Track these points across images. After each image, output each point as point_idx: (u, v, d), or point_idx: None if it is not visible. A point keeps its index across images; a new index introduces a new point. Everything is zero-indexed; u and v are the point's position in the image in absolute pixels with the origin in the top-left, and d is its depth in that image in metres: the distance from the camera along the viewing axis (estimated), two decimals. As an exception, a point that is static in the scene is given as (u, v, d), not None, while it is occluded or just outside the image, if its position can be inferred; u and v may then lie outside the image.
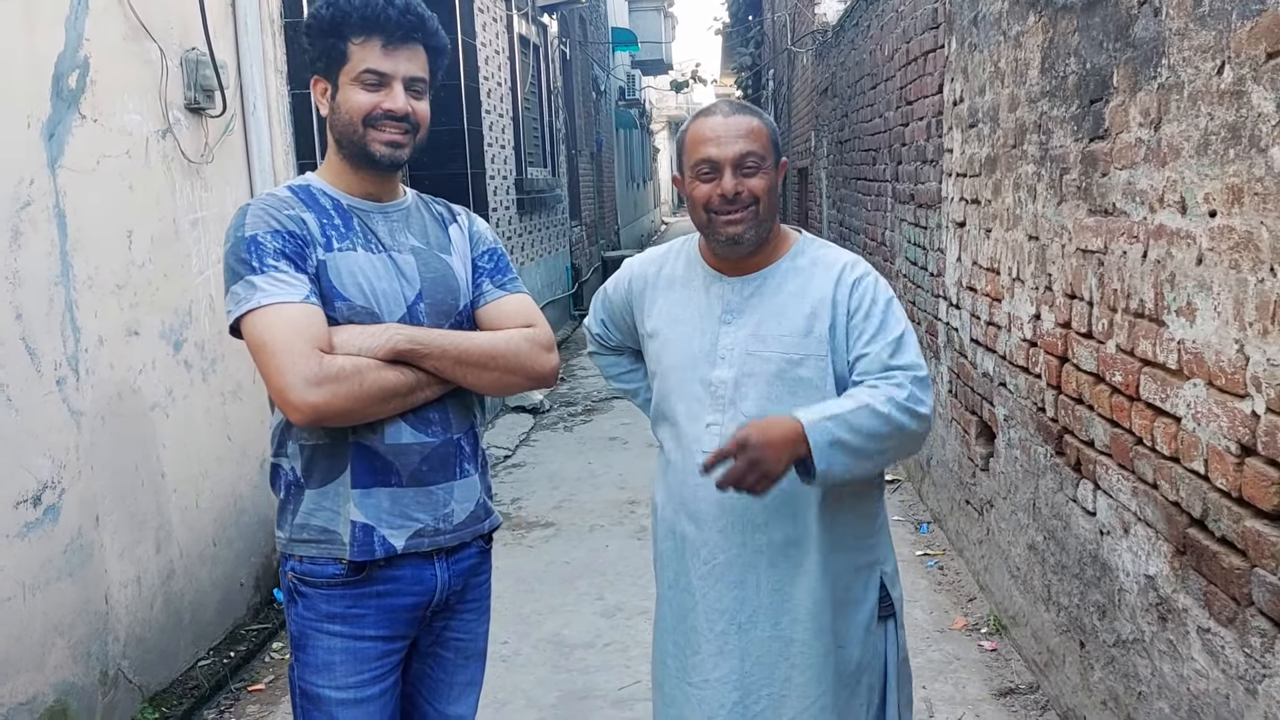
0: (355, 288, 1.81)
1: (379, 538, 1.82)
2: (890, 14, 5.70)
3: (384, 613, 1.85)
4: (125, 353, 3.35)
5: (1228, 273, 1.96)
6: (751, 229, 1.91)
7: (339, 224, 1.84)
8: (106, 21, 3.33)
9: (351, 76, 1.81)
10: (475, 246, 2.01)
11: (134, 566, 3.35)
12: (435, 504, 1.87)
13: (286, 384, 1.67)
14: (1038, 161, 3.11)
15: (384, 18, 1.79)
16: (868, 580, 2.00)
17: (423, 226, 1.95)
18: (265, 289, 1.71)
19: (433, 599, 1.90)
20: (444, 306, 1.90)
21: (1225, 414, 1.98)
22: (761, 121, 1.93)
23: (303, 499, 1.85)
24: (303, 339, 1.69)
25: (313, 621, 1.85)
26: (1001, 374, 3.59)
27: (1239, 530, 1.95)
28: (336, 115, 1.84)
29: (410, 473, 1.84)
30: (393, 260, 1.86)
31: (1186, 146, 2.12)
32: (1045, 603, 3.16)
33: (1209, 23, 2.02)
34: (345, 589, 1.83)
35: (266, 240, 1.75)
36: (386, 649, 1.87)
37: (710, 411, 1.95)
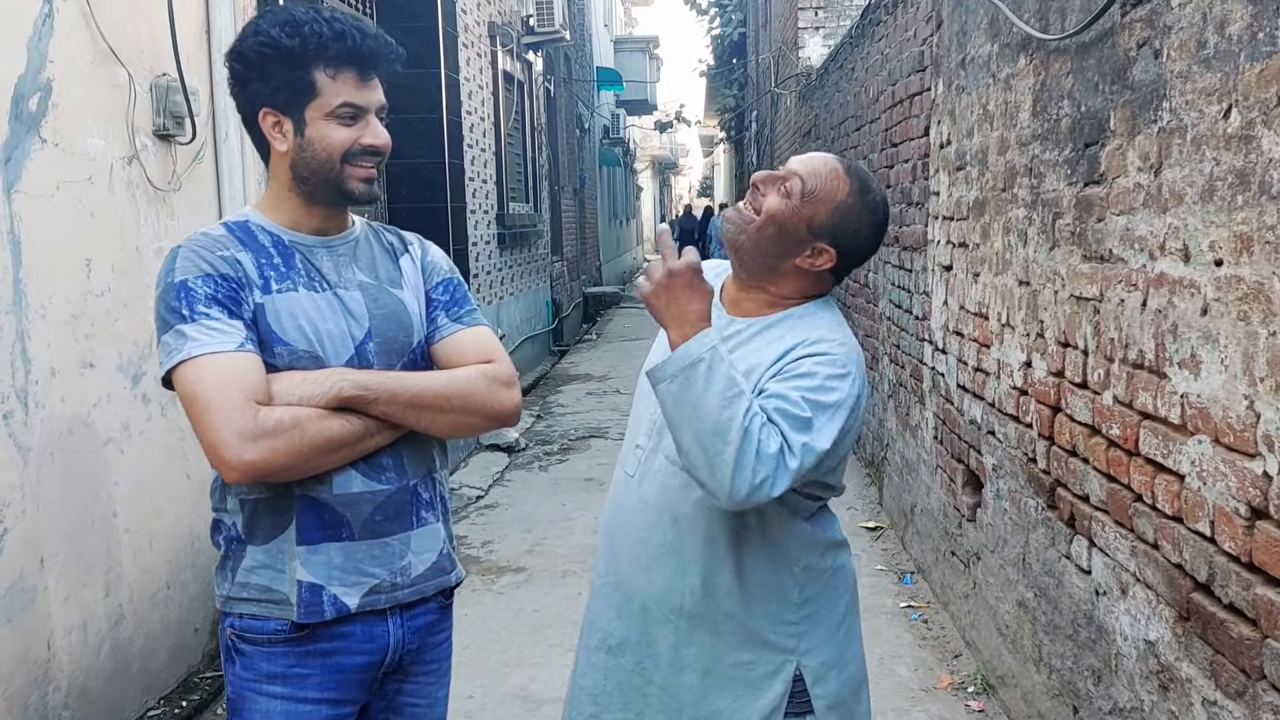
0: (296, 330, 1.68)
1: (329, 596, 1.70)
2: (875, 57, 5.67)
3: (330, 673, 1.72)
4: (79, 385, 3.20)
5: (1235, 324, 1.86)
6: (735, 232, 1.80)
7: (279, 262, 1.71)
8: (72, 44, 3.21)
9: (326, 111, 1.68)
10: (429, 278, 1.89)
11: (80, 611, 3.18)
12: (391, 556, 1.74)
13: (220, 440, 1.55)
14: (1029, 205, 3.04)
15: (361, 49, 1.69)
16: (776, 669, 1.80)
17: (371, 260, 1.82)
18: (196, 338, 1.59)
19: (385, 658, 1.77)
20: (395, 345, 1.77)
21: (1234, 474, 1.87)
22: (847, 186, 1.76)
23: (244, 555, 1.72)
24: (236, 391, 1.56)
25: (250, 682, 1.71)
26: (990, 422, 3.49)
27: (1249, 598, 1.84)
28: (307, 151, 1.70)
29: (363, 524, 1.71)
30: (338, 298, 1.73)
31: (1190, 192, 2.03)
32: (1036, 664, 3.03)
33: (1214, 65, 1.94)
34: (288, 646, 1.70)
35: (197, 285, 1.62)
36: (331, 713, 1.73)
37: (643, 434, 1.88)
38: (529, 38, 10.93)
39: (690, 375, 1.59)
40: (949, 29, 4.02)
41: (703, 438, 1.58)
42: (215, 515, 1.77)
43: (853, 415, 1.69)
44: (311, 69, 1.67)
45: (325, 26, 1.67)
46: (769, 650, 1.80)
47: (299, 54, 1.66)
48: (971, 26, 3.69)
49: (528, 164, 11.13)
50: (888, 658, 3.81)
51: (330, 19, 1.69)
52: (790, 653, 1.81)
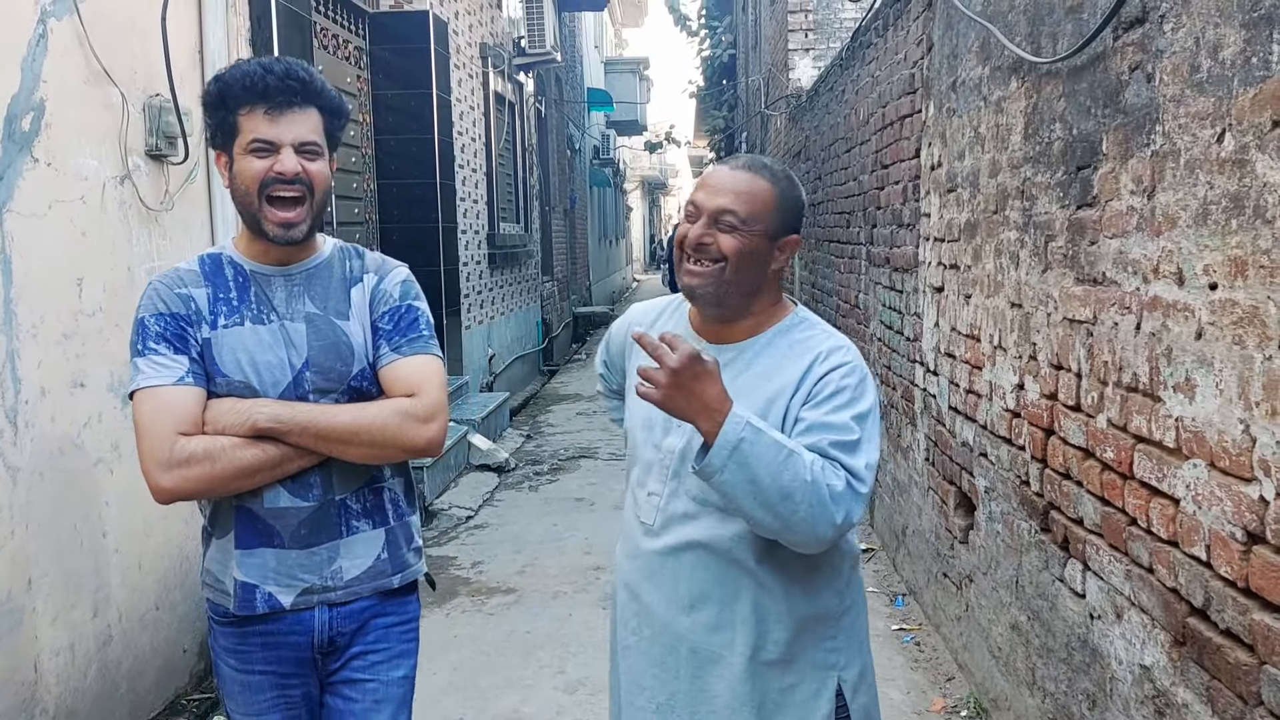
0: (234, 364, 1.85)
1: (263, 594, 1.89)
2: (866, 79, 5.70)
3: (268, 650, 1.93)
4: (69, 405, 3.18)
5: (1231, 348, 1.87)
6: (710, 286, 1.79)
7: (233, 297, 1.89)
8: (66, 64, 3.21)
9: (243, 147, 1.84)
10: (375, 308, 1.97)
11: (68, 632, 3.15)
12: (320, 564, 1.92)
13: (145, 467, 1.78)
14: (1020, 228, 3.05)
15: (263, 86, 1.82)
16: (820, 687, 1.81)
17: (325, 289, 1.95)
18: (145, 371, 1.81)
19: (313, 640, 1.94)
20: (333, 374, 1.90)
21: (1229, 498, 1.88)
22: (769, 184, 1.80)
23: (210, 545, 1.97)
24: (166, 422, 1.77)
25: (218, 651, 1.98)
26: (982, 444, 3.49)
27: (1246, 623, 1.83)
28: (236, 184, 1.86)
29: (290, 534, 1.89)
30: (283, 329, 1.89)
31: (1184, 216, 2.04)
32: (1030, 687, 3.02)
33: (1208, 89, 1.95)
34: (231, 628, 1.94)
35: (150, 323, 1.84)
36: (279, 683, 1.94)
37: (655, 480, 1.86)
38: (520, 59, 10.97)
39: (738, 459, 1.60)
40: (940, 52, 4.05)
41: (773, 507, 1.61)
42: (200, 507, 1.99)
43: (880, 421, 1.78)
44: (233, 110, 1.84)
45: (238, 71, 1.85)
46: (812, 669, 1.81)
47: (220, 97, 1.85)
48: (963, 49, 3.71)
49: (518, 184, 11.15)
50: (880, 680, 3.75)
51: (248, 64, 1.86)
52: (832, 668, 1.83)
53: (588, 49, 20.94)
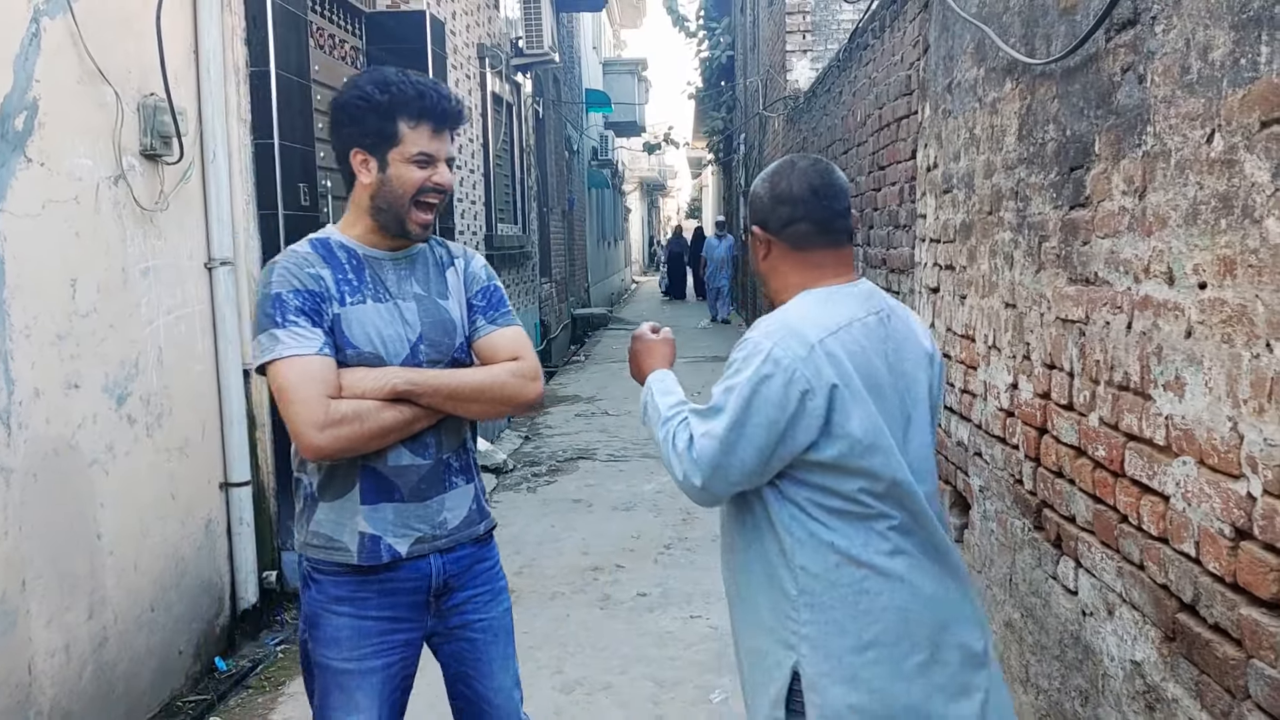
0: (363, 336, 2.08)
1: (385, 545, 2.12)
2: (863, 80, 5.71)
3: (385, 596, 2.14)
4: (63, 406, 3.18)
5: (1220, 347, 1.88)
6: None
7: (352, 278, 2.12)
8: (59, 63, 3.21)
9: (405, 156, 2.08)
10: (469, 287, 2.27)
11: (62, 634, 3.15)
12: (430, 514, 2.17)
13: (298, 429, 1.97)
14: (1015, 228, 3.05)
15: (437, 108, 2.08)
16: (779, 660, 1.89)
17: (425, 274, 2.21)
18: (286, 342, 2.00)
19: (430, 584, 2.18)
20: (441, 346, 2.18)
21: (1218, 495, 1.88)
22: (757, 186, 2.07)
23: (316, 510, 2.15)
24: (315, 387, 1.98)
25: (323, 604, 2.15)
26: (977, 443, 3.50)
27: (1234, 618, 1.84)
28: (386, 187, 2.10)
29: (409, 489, 2.14)
30: (398, 308, 2.14)
31: (1174, 216, 2.05)
32: (1024, 684, 3.03)
33: (1198, 90, 1.96)
34: (350, 577, 2.13)
35: (289, 298, 2.03)
36: (389, 628, 2.15)
37: None
38: (518, 60, 10.98)
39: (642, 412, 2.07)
40: (936, 53, 4.06)
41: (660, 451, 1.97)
42: (298, 474, 2.19)
43: (757, 395, 1.81)
44: (397, 120, 2.07)
45: (410, 87, 2.08)
46: (775, 641, 1.90)
47: (389, 107, 2.07)
48: (958, 51, 3.72)
49: (516, 185, 11.15)
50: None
51: (415, 81, 2.10)
52: (791, 649, 1.87)
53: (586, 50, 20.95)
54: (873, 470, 1.83)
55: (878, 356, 1.89)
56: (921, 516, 1.88)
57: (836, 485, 1.84)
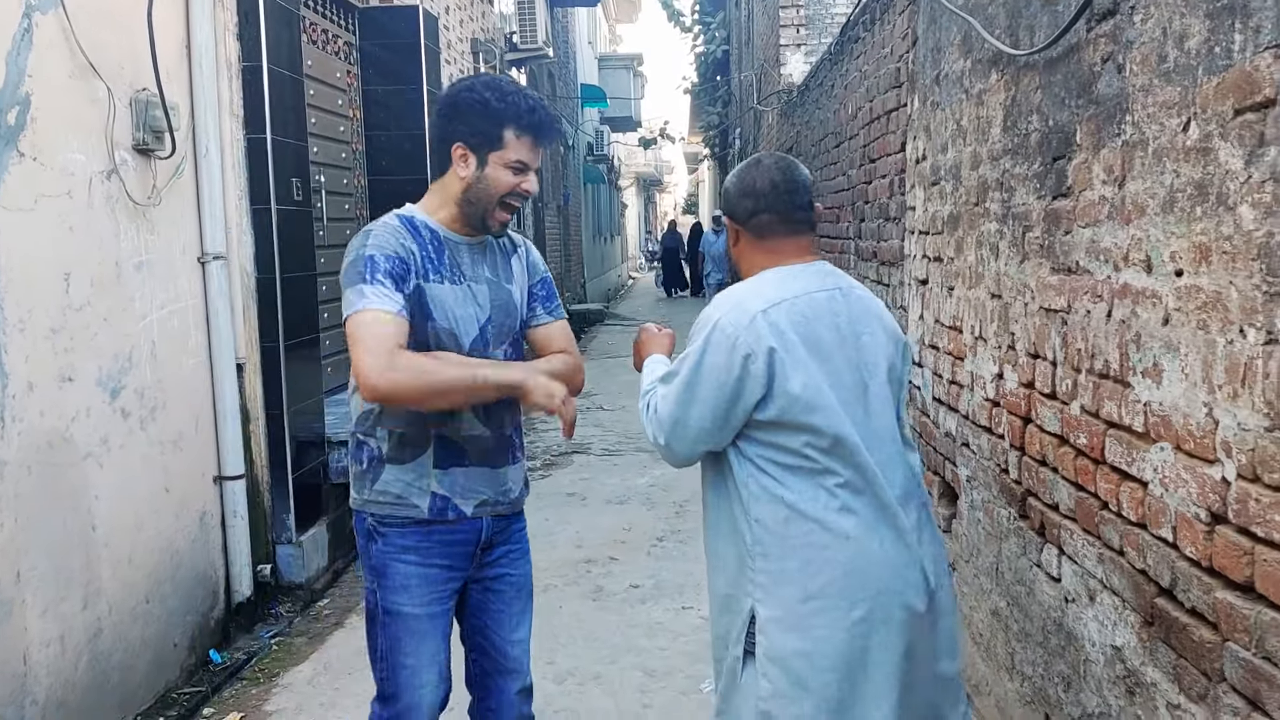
0: (441, 313, 2.32)
1: (453, 505, 2.38)
2: (854, 74, 5.73)
3: (445, 547, 2.40)
4: (58, 399, 3.21)
5: (1195, 333, 1.90)
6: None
7: (434, 257, 2.33)
8: (51, 58, 3.23)
9: (504, 161, 2.30)
10: (532, 275, 2.54)
11: (58, 625, 3.17)
12: (498, 481, 2.44)
13: (362, 369, 2.14)
14: (1000, 219, 3.08)
15: (542, 125, 2.32)
16: (740, 601, 2.13)
17: (494, 260, 2.45)
18: (370, 297, 2.19)
19: (480, 539, 2.45)
20: (505, 328, 2.43)
21: (1194, 480, 1.91)
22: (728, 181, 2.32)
23: (383, 471, 2.37)
24: (387, 338, 2.16)
25: (391, 554, 2.38)
26: (964, 434, 3.53)
27: (1210, 602, 1.87)
28: (480, 184, 2.32)
29: (478, 456, 2.40)
30: (470, 290, 2.37)
31: (1152, 204, 2.07)
32: (1009, 671, 3.06)
33: (1174, 79, 1.98)
34: (417, 529, 2.38)
35: (380, 260, 2.23)
36: (448, 576, 2.42)
37: None
38: (512, 54, 10.99)
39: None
40: (924, 45, 4.08)
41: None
42: (362, 438, 2.40)
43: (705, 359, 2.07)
44: (504, 127, 2.29)
45: (523, 100, 2.31)
46: (737, 588, 2.13)
47: (500, 114, 2.28)
48: (945, 43, 3.74)
49: (511, 180, 11.14)
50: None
51: (527, 95, 2.33)
52: (748, 595, 2.11)
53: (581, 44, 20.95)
54: (815, 426, 2.05)
55: (826, 327, 2.12)
56: (871, 477, 2.08)
57: (784, 441, 2.07)
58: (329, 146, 5.95)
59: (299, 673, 4.07)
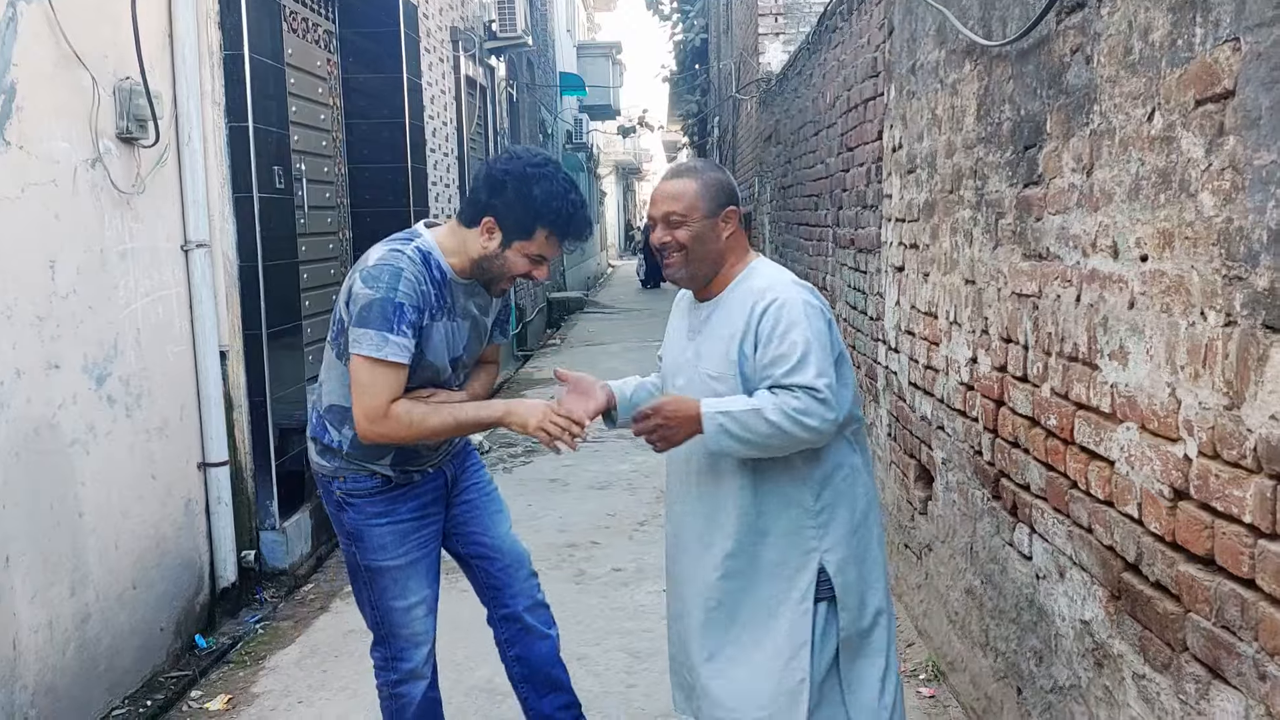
0: (432, 348, 2.51)
1: (414, 472, 2.64)
2: (832, 63, 5.79)
3: (413, 499, 2.64)
4: (44, 387, 3.23)
5: (1159, 316, 1.97)
6: (682, 269, 2.41)
7: (437, 297, 2.50)
8: (36, 48, 3.25)
9: (525, 252, 2.48)
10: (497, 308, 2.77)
11: (46, 610, 3.20)
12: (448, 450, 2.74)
13: (363, 416, 2.40)
14: (974, 206, 3.15)
15: (575, 230, 2.51)
16: (803, 564, 2.34)
17: (481, 297, 2.64)
18: (393, 346, 2.38)
19: (446, 481, 2.74)
20: (473, 354, 2.69)
21: (1158, 458, 1.98)
22: (695, 182, 2.39)
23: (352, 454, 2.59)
24: (386, 391, 2.39)
25: (362, 521, 2.61)
26: (939, 417, 3.60)
27: (1173, 575, 1.94)
28: (497, 260, 2.49)
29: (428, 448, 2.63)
30: (456, 324, 2.57)
31: (1118, 192, 2.14)
32: (983, 648, 3.14)
33: (1139, 70, 2.05)
34: (382, 494, 2.61)
35: (409, 311, 2.40)
36: (421, 524, 2.65)
37: None
38: (491, 43, 10.98)
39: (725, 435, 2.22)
40: (900, 35, 4.14)
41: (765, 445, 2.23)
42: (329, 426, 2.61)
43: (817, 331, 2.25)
44: (538, 225, 2.45)
45: (566, 207, 2.45)
46: (794, 551, 2.33)
47: (542, 213, 2.45)
48: (921, 33, 3.80)
49: (491, 169, 11.14)
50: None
51: (571, 201, 2.46)
52: (811, 552, 2.34)
53: (560, 33, 20.90)
54: (850, 380, 2.37)
55: None
56: (861, 419, 2.50)
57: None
58: (310, 135, 5.96)
59: (285, 655, 4.11)
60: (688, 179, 2.41)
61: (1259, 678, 1.68)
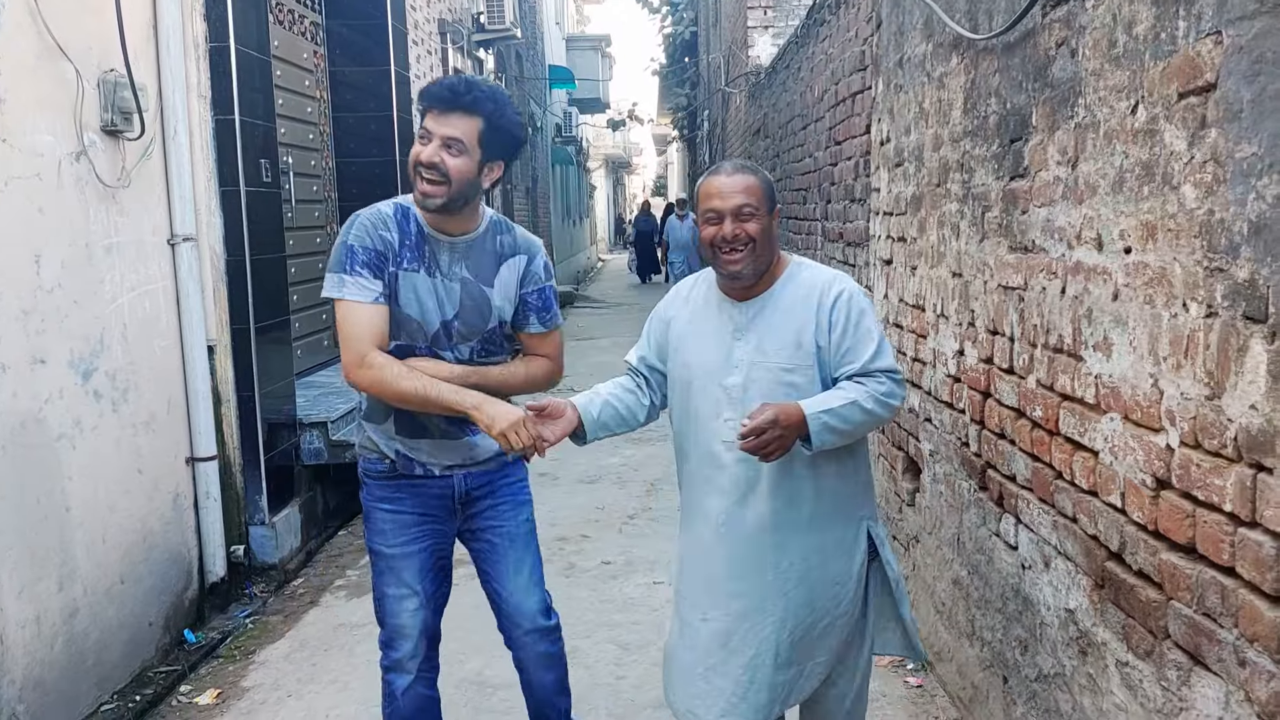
0: (408, 300, 2.50)
1: (419, 463, 2.62)
2: (820, 56, 5.79)
3: (418, 497, 2.66)
4: (30, 381, 3.22)
5: (1142, 308, 1.99)
6: (749, 264, 2.38)
7: (412, 247, 2.51)
8: (19, 40, 3.23)
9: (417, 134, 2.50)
10: (526, 285, 2.65)
11: (34, 605, 3.20)
12: (463, 448, 2.64)
13: (345, 361, 2.46)
14: (961, 199, 3.16)
15: (438, 93, 2.45)
16: (857, 534, 2.46)
17: (478, 260, 2.58)
18: (349, 286, 2.43)
19: (455, 493, 2.68)
20: (473, 327, 2.58)
21: (1141, 448, 2.00)
22: (757, 179, 2.42)
23: (366, 428, 2.64)
24: (363, 333, 2.43)
25: (371, 502, 2.68)
26: (927, 409, 3.62)
27: (1155, 563, 1.96)
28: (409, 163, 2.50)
29: (440, 430, 2.59)
30: (444, 285, 2.54)
31: (1103, 184, 2.15)
32: (969, 638, 3.16)
33: (1123, 63, 2.06)
34: (387, 480, 2.65)
35: (359, 251, 2.45)
36: (421, 520, 2.66)
37: (726, 409, 2.41)
38: (480, 35, 10.96)
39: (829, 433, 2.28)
40: (888, 29, 4.15)
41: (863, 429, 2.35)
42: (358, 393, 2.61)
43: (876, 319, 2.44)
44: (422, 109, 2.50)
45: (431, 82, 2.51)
46: (848, 524, 2.46)
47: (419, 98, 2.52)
48: (908, 26, 3.81)
49: (480, 162, 11.12)
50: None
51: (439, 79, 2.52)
52: (861, 520, 2.48)
53: (549, 25, 20.87)
54: None
55: None
56: None
57: None
58: (296, 128, 5.94)
59: (275, 650, 4.11)
60: (750, 175, 2.42)
61: (1239, 664, 1.70)
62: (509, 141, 2.54)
